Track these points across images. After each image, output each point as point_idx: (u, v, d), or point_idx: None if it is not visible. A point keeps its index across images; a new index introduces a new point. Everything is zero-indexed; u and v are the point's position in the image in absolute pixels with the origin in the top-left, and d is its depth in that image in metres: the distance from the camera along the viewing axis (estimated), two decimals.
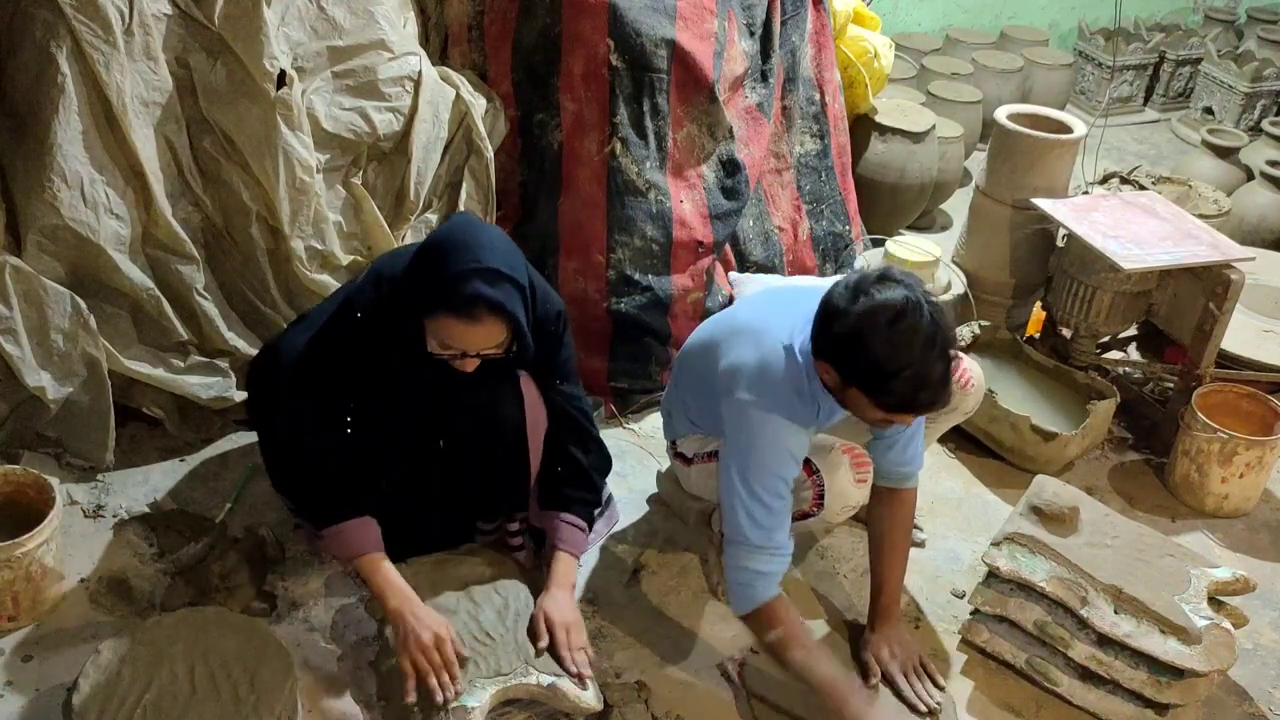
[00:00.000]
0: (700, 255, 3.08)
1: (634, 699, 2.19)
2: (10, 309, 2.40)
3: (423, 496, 2.28)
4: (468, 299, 1.97)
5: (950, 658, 2.42)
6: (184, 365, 2.66)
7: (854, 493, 2.28)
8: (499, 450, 2.27)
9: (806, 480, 2.25)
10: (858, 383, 2.01)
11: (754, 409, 2.12)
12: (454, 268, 1.99)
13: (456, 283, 1.97)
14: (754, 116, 3.22)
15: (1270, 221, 4.10)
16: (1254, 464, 2.85)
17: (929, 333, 1.94)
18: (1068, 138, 3.29)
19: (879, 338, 1.94)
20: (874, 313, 1.95)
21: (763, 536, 2.13)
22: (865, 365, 1.98)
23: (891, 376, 1.96)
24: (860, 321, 1.96)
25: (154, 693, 1.96)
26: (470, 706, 2.01)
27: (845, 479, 2.25)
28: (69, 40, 2.37)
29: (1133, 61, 5.29)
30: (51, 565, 2.26)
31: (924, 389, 1.97)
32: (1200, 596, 2.27)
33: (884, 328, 1.94)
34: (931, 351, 1.95)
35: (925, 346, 1.94)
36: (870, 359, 1.96)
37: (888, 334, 1.94)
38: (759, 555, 2.13)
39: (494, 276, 1.99)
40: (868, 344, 1.95)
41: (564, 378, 2.32)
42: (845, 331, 1.98)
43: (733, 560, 2.16)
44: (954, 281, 3.31)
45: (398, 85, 2.75)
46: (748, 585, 2.14)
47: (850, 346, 1.98)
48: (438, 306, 2.00)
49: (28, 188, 2.41)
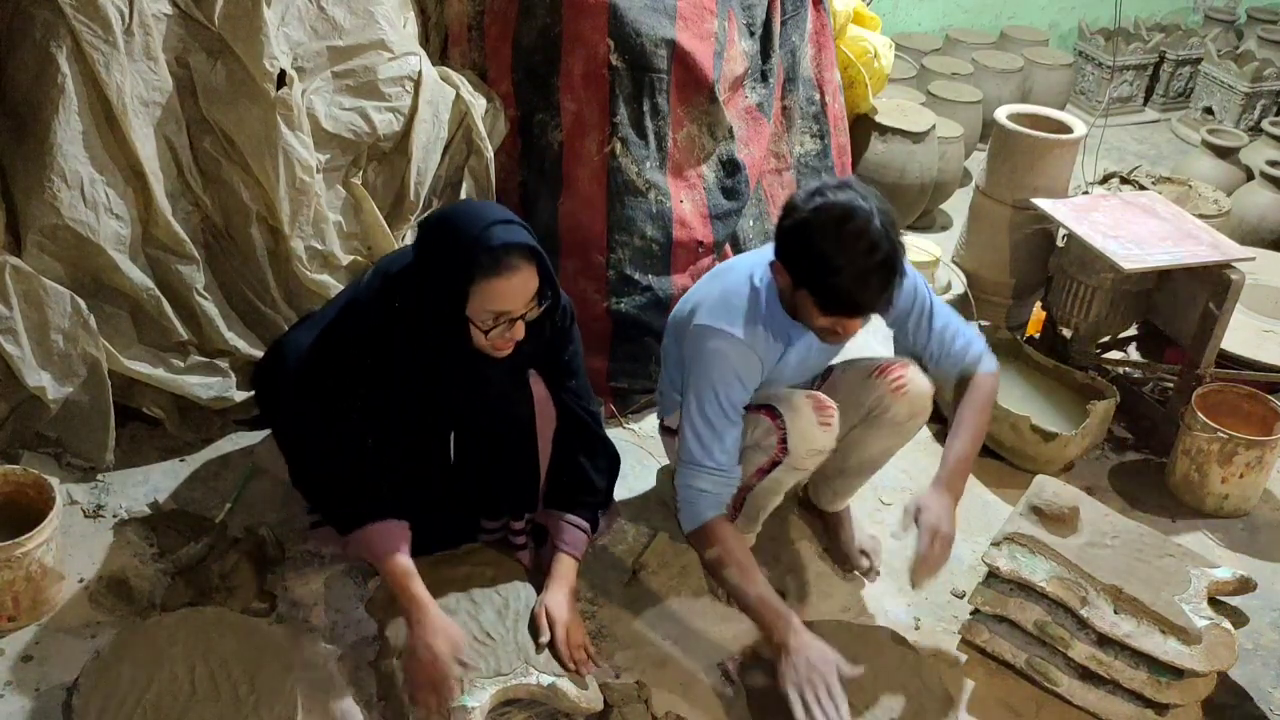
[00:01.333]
0: (700, 255, 3.08)
1: (634, 699, 2.19)
2: (10, 309, 2.40)
3: (429, 496, 2.27)
4: (498, 250, 1.97)
5: (950, 658, 2.42)
6: (184, 365, 2.66)
7: (818, 435, 2.28)
8: (508, 450, 2.27)
9: (771, 425, 2.29)
10: (804, 281, 2.10)
11: (708, 334, 2.22)
12: (470, 232, 1.99)
13: (481, 242, 1.97)
14: (754, 116, 3.22)
15: (1270, 221, 4.11)
16: (1254, 464, 2.85)
17: (874, 238, 2.02)
18: (1068, 138, 3.29)
19: (825, 233, 2.04)
20: (824, 209, 2.05)
21: (707, 457, 2.22)
22: (810, 261, 2.07)
23: (833, 273, 2.04)
24: (810, 216, 2.06)
25: (154, 693, 1.97)
26: (470, 706, 2.01)
27: (808, 420, 2.27)
28: (69, 40, 2.37)
29: (1133, 61, 5.30)
30: (51, 565, 2.26)
31: (863, 290, 2.06)
32: (1200, 596, 2.27)
33: (831, 225, 2.04)
34: (873, 255, 2.02)
35: (868, 250, 2.02)
36: (814, 253, 2.06)
37: (834, 231, 2.03)
38: (704, 475, 2.22)
39: (507, 224, 2.02)
40: (814, 239, 2.05)
41: (572, 375, 2.32)
42: (795, 225, 2.08)
43: (682, 479, 2.25)
44: (954, 281, 3.31)
45: (398, 85, 2.75)
46: (692, 503, 2.23)
47: (799, 240, 2.09)
48: (473, 273, 1.97)
49: (28, 188, 2.41)
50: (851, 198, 2.05)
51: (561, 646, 2.15)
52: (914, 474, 2.95)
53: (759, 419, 2.30)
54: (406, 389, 2.16)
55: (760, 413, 2.30)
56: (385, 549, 2.11)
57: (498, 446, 2.26)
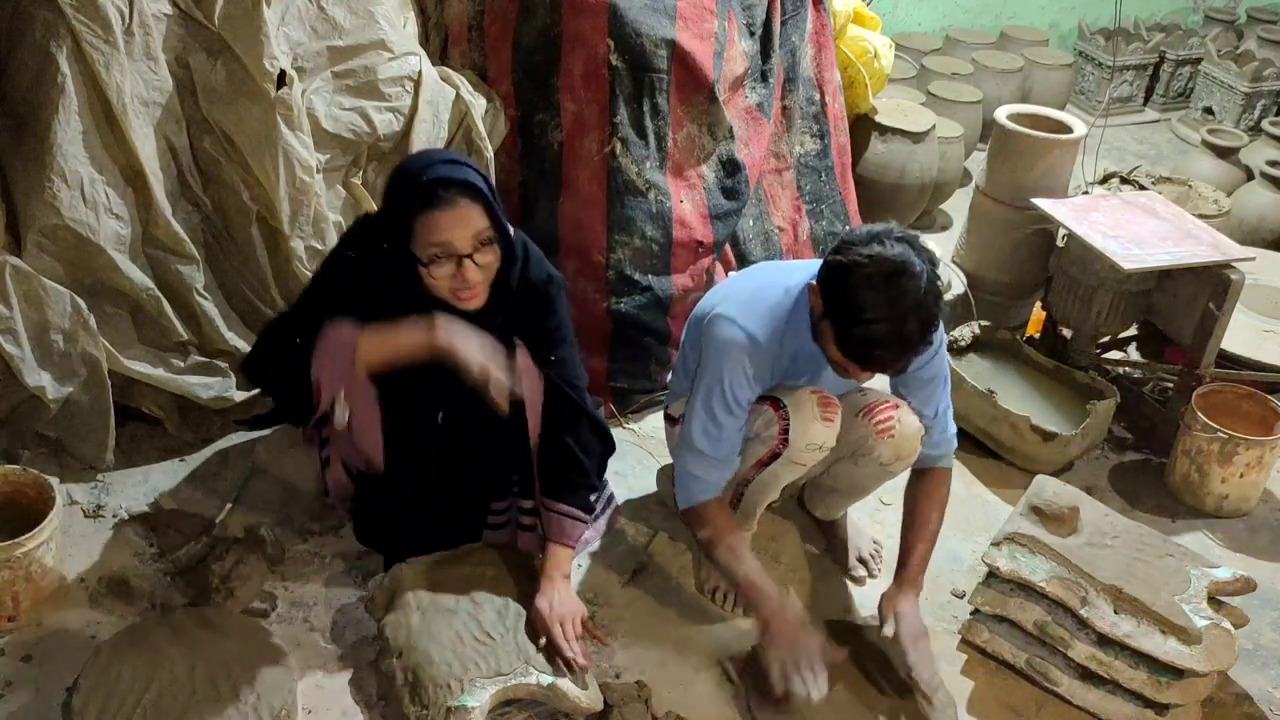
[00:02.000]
0: (700, 255, 3.08)
1: (634, 699, 2.19)
2: (10, 309, 2.40)
3: (426, 479, 2.29)
4: (434, 184, 2.02)
5: (950, 658, 2.42)
6: (184, 365, 2.66)
7: (819, 430, 2.28)
8: (497, 424, 2.25)
9: (774, 416, 2.29)
10: (832, 315, 2.08)
11: (728, 326, 2.24)
12: (414, 168, 2.08)
13: (420, 176, 2.04)
14: (754, 116, 3.22)
15: (1270, 221, 4.10)
16: (1254, 464, 2.85)
17: (916, 301, 2.00)
18: (1068, 138, 3.29)
19: (871, 283, 2.01)
20: (880, 260, 2.01)
21: (707, 445, 2.26)
22: (845, 301, 2.05)
23: (862, 322, 2.02)
24: (864, 260, 2.02)
25: (154, 693, 1.97)
26: (470, 706, 2.01)
27: (810, 415, 2.27)
28: (69, 40, 2.37)
29: (1133, 61, 5.29)
30: (51, 565, 2.26)
31: (882, 347, 2.04)
32: (1200, 596, 2.27)
33: (879, 278, 2.01)
34: (909, 320, 2.00)
35: (903, 316, 2.00)
36: (852, 297, 2.03)
37: (881, 283, 2.00)
38: (701, 461, 2.27)
39: (451, 162, 2.07)
40: (857, 283, 2.02)
41: (556, 345, 2.29)
42: (847, 263, 2.04)
43: (679, 462, 2.32)
44: (954, 281, 3.32)
45: (398, 85, 2.75)
46: (687, 486, 2.30)
47: (842, 278, 2.05)
48: (412, 207, 2.03)
49: (28, 188, 2.41)
50: (909, 257, 2.01)
51: (558, 640, 2.14)
52: None
53: (762, 409, 2.31)
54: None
55: (764, 404, 2.31)
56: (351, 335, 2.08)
57: (486, 422, 2.23)
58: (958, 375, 2.98)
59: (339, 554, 2.49)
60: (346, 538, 2.50)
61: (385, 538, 2.41)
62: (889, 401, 2.37)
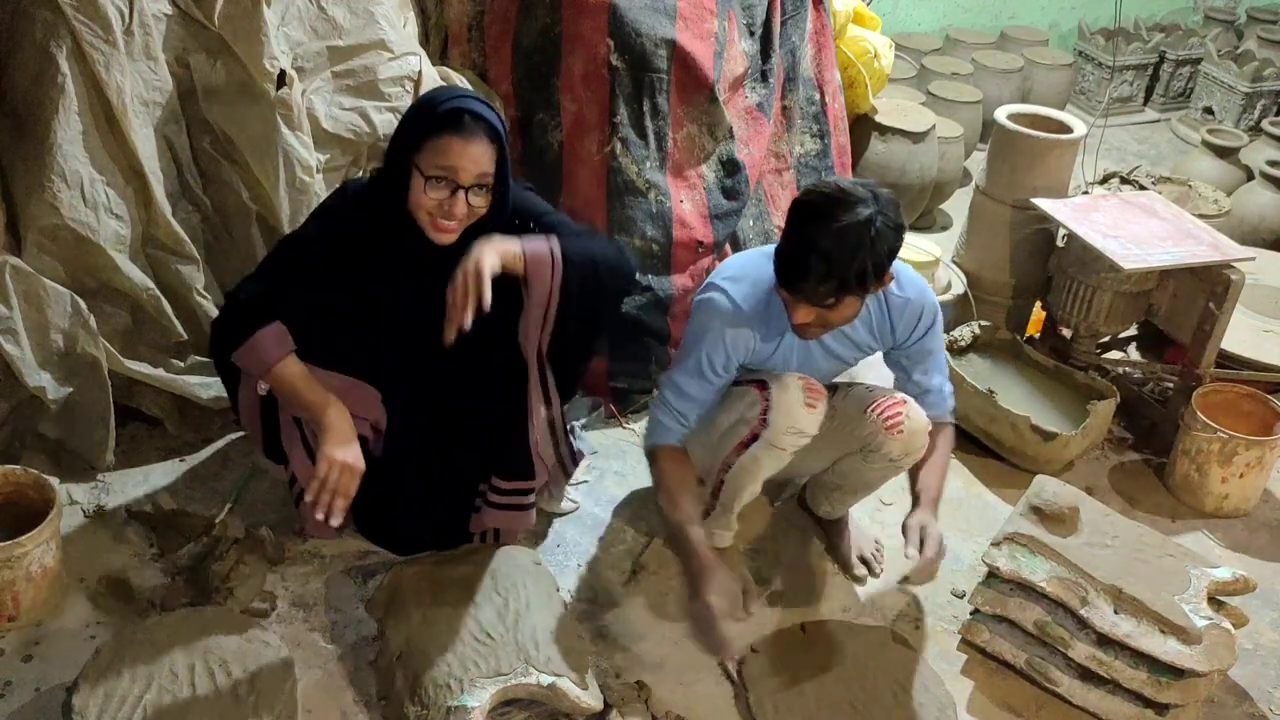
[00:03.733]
0: (700, 255, 3.08)
1: (634, 699, 2.19)
2: (10, 309, 2.40)
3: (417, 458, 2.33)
4: (461, 111, 2.08)
5: (950, 658, 2.42)
6: (184, 365, 2.66)
7: (801, 414, 2.29)
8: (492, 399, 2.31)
9: (757, 396, 2.31)
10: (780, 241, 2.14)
11: (714, 292, 2.30)
12: (444, 95, 2.16)
13: (450, 101, 2.11)
14: (754, 116, 3.22)
15: (1270, 221, 4.11)
16: (1254, 464, 2.85)
17: (845, 229, 2.03)
18: (1068, 138, 3.29)
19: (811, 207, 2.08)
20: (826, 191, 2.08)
21: (675, 399, 2.33)
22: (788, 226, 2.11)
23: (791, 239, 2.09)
24: (812, 192, 2.10)
25: (154, 693, 1.97)
26: (470, 706, 2.01)
27: (794, 398, 2.28)
28: (69, 40, 2.37)
29: (1133, 61, 5.29)
30: (51, 565, 2.26)
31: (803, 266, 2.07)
32: (1200, 596, 2.27)
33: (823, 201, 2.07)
34: (836, 244, 2.03)
35: (834, 236, 2.03)
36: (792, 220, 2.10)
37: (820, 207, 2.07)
38: (668, 412, 2.34)
39: (481, 102, 2.14)
40: (802, 207, 2.10)
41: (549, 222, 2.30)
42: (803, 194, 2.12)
43: (654, 404, 2.39)
44: (954, 281, 3.31)
45: (398, 85, 2.75)
46: (653, 428, 2.37)
47: (793, 207, 2.12)
48: (432, 124, 2.09)
49: (28, 188, 2.41)
50: (859, 196, 2.06)
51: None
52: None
53: (747, 390, 2.34)
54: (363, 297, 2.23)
55: (750, 385, 2.34)
56: (276, 354, 2.16)
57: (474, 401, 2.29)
58: (958, 375, 2.98)
59: (339, 554, 2.49)
60: (347, 538, 2.50)
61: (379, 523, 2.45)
62: (896, 398, 2.38)
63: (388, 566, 2.38)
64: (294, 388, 2.19)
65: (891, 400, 2.36)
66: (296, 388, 2.19)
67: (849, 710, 2.21)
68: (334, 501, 2.14)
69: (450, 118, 2.08)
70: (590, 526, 2.66)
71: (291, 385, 2.19)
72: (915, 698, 2.24)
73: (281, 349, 2.18)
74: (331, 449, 2.14)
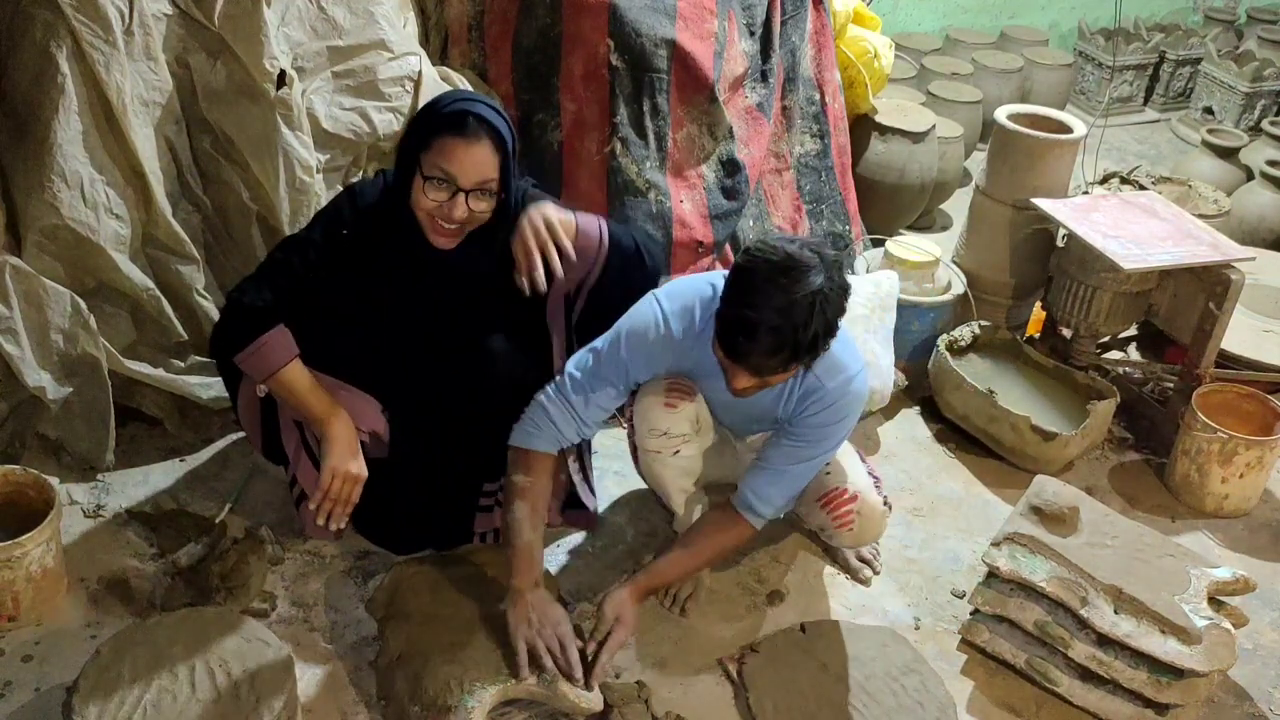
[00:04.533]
0: (700, 255, 3.08)
1: (634, 699, 2.19)
2: (10, 309, 2.41)
3: (420, 462, 2.33)
4: (466, 114, 2.07)
5: (950, 658, 2.42)
6: (184, 365, 2.66)
7: (659, 414, 2.29)
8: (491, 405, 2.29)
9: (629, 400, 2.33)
10: (721, 304, 2.02)
11: (651, 304, 2.20)
12: (444, 99, 2.15)
13: (457, 103, 2.11)
14: (754, 116, 3.22)
15: (1270, 221, 4.10)
16: (1254, 464, 2.85)
17: (793, 300, 1.92)
18: (1068, 138, 3.29)
19: (758, 271, 1.95)
20: (779, 256, 1.95)
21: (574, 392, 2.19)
22: (731, 285, 2.00)
23: (734, 303, 1.97)
24: (764, 252, 1.97)
25: (154, 693, 1.96)
26: (470, 706, 2.01)
27: (652, 401, 2.29)
28: (69, 40, 2.37)
29: (1133, 61, 5.29)
30: (51, 565, 2.26)
31: (745, 333, 1.95)
32: (1200, 596, 2.27)
33: (770, 267, 1.94)
34: (780, 313, 1.92)
35: (778, 305, 1.92)
36: (736, 280, 1.98)
37: (766, 273, 1.94)
38: (561, 407, 2.21)
39: (490, 108, 2.12)
40: (748, 270, 1.97)
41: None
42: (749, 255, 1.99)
43: (543, 396, 2.23)
44: (954, 281, 3.31)
45: (398, 85, 2.75)
46: (533, 425, 2.22)
47: (739, 266, 2.00)
48: (438, 124, 2.08)
49: (28, 188, 2.42)
50: (809, 264, 1.94)
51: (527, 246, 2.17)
52: (914, 474, 2.95)
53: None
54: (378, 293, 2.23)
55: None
56: (281, 359, 2.17)
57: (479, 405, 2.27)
58: (958, 375, 2.98)
59: (339, 554, 2.49)
60: (347, 538, 2.50)
61: (380, 525, 2.45)
62: (848, 492, 2.38)
63: (388, 566, 2.38)
64: (298, 394, 2.20)
65: (842, 494, 2.38)
66: (300, 394, 2.20)
67: (849, 710, 2.21)
68: (335, 509, 2.16)
69: (454, 119, 2.08)
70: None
71: (295, 391, 2.20)
72: (915, 698, 2.24)
73: (286, 354, 2.18)
74: (336, 460, 2.16)
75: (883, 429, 3.11)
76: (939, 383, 3.09)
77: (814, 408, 2.20)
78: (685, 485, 2.45)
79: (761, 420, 2.33)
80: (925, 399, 3.19)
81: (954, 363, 3.05)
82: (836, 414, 2.21)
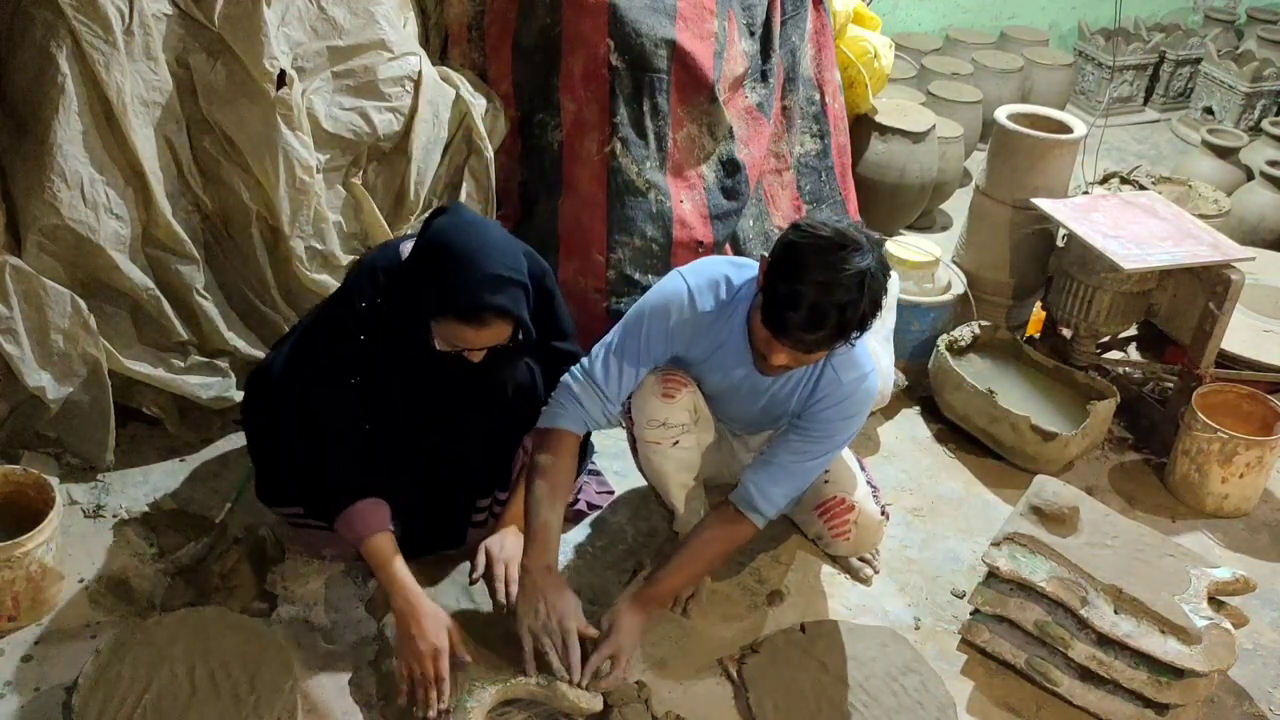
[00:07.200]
0: (700, 255, 3.07)
1: (634, 699, 2.19)
2: (10, 309, 2.40)
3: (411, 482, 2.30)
4: (475, 308, 1.99)
5: (950, 658, 2.42)
6: (184, 365, 2.66)
7: (656, 405, 2.30)
8: (487, 434, 2.30)
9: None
10: (768, 279, 2.02)
11: (676, 279, 2.22)
12: (458, 276, 1.99)
13: (462, 292, 1.99)
14: (754, 116, 3.22)
15: (1270, 221, 4.11)
16: (1254, 464, 2.85)
17: (848, 278, 1.93)
18: (1068, 138, 3.29)
19: (815, 248, 1.96)
20: (824, 233, 1.97)
21: (600, 374, 2.22)
22: (785, 261, 1.99)
23: (789, 278, 1.96)
24: (816, 229, 1.98)
25: (154, 693, 1.97)
26: (470, 706, 2.01)
27: (650, 391, 2.30)
28: (69, 40, 2.37)
29: (1133, 61, 5.29)
30: (51, 565, 2.26)
31: (798, 308, 1.95)
32: (1200, 596, 2.27)
33: (825, 243, 1.95)
34: (834, 290, 1.93)
35: (834, 282, 1.93)
36: (791, 256, 1.98)
37: (824, 247, 1.95)
38: (587, 388, 2.22)
39: (498, 282, 2.00)
40: (803, 246, 1.97)
41: (559, 335, 2.33)
42: (800, 231, 2.00)
43: (569, 378, 2.25)
44: (954, 281, 3.31)
45: (398, 85, 2.75)
46: (560, 405, 2.24)
47: (791, 243, 2.00)
48: (445, 312, 2.02)
49: (28, 188, 2.41)
50: (861, 243, 1.97)
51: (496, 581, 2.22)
52: (914, 474, 2.95)
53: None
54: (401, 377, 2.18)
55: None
56: (369, 528, 2.12)
57: (470, 424, 2.27)
58: (958, 375, 2.98)
59: (339, 554, 2.48)
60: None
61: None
62: (845, 501, 2.41)
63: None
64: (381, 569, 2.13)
65: (840, 505, 2.41)
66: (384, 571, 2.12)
67: (849, 710, 2.21)
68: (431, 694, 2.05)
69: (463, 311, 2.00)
70: (590, 526, 2.66)
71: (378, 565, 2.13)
72: (915, 698, 2.25)
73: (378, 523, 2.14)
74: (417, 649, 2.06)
75: (883, 429, 3.11)
76: (939, 383, 3.09)
77: (827, 402, 2.22)
78: (685, 480, 2.45)
79: (770, 412, 2.34)
80: (925, 399, 3.20)
81: (954, 363, 3.05)
82: (847, 410, 2.23)
